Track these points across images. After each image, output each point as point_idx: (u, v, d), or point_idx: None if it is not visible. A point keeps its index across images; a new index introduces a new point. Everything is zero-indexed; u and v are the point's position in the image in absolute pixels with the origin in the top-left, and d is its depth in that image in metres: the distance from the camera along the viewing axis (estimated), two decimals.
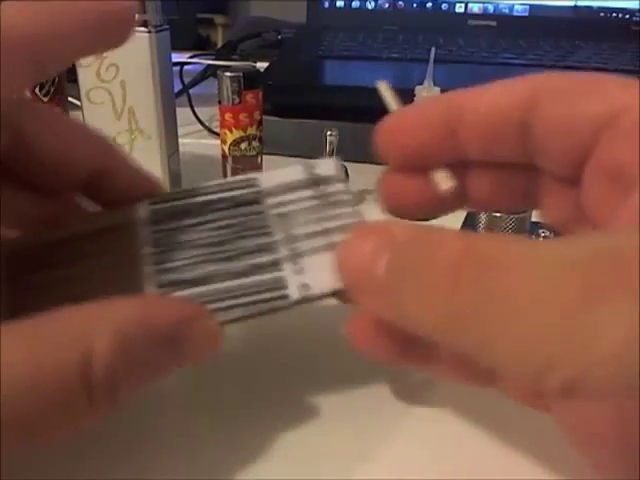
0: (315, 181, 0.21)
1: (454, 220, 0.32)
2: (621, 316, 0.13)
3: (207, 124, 0.56)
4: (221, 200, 0.21)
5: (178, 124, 0.42)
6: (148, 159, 0.40)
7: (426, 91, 0.39)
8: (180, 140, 0.43)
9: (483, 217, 0.34)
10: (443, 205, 0.21)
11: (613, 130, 0.17)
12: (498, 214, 0.33)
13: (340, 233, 0.20)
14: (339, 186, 0.21)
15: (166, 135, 0.40)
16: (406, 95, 0.21)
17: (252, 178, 0.22)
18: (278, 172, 0.22)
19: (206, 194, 0.22)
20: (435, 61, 0.36)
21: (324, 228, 0.20)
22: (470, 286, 0.14)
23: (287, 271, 0.19)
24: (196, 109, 0.57)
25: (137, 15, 0.39)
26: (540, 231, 0.33)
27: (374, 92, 0.22)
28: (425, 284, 0.15)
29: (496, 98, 0.19)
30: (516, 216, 0.33)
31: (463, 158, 0.20)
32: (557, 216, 0.20)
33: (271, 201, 0.21)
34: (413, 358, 0.19)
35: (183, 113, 0.50)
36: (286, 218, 0.21)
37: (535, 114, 0.18)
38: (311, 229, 0.20)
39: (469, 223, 0.35)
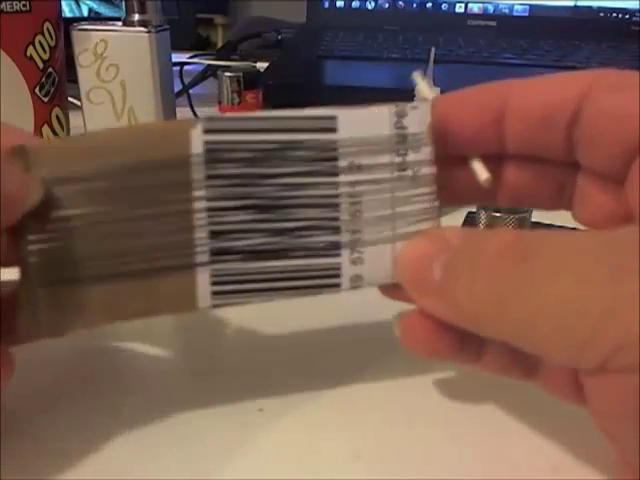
0: (400, 139, 0.19)
1: (454, 220, 0.32)
2: None
3: None
4: (292, 146, 0.18)
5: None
6: None
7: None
8: None
9: (483, 217, 0.34)
10: (474, 194, 0.21)
11: None
12: (498, 214, 0.33)
13: (408, 223, 0.19)
14: (424, 152, 0.19)
15: None
16: (406, 95, 0.20)
17: (331, 117, 0.18)
18: (361, 114, 0.18)
19: (274, 131, 0.18)
20: (435, 61, 0.36)
21: (393, 212, 0.19)
22: (512, 272, 0.16)
23: (344, 258, 0.18)
24: (196, 109, 0.57)
25: (138, 15, 0.39)
26: None
27: (374, 92, 0.22)
28: (474, 276, 0.16)
29: (547, 91, 0.19)
30: (516, 216, 0.33)
31: (500, 150, 0.20)
32: (594, 215, 0.20)
33: (345, 163, 0.18)
34: (464, 354, 0.20)
35: (183, 113, 0.49)
36: (357, 191, 0.19)
37: (587, 108, 0.18)
38: (380, 212, 0.19)
39: (469, 223, 0.35)
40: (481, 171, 0.20)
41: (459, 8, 0.75)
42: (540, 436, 0.20)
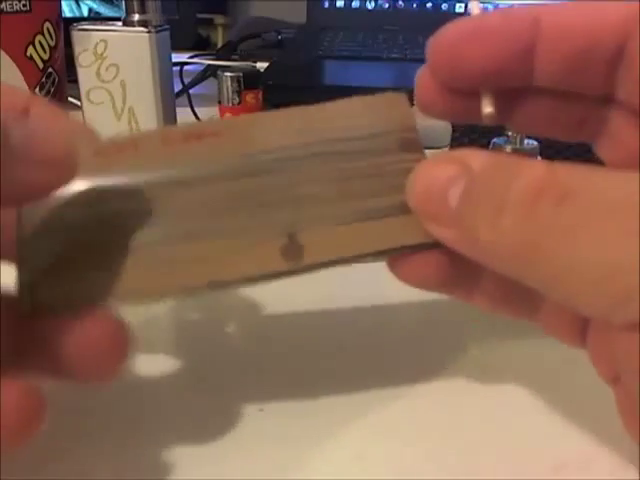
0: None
1: None
2: None
3: None
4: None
5: (178, 124, 0.42)
6: None
7: None
8: None
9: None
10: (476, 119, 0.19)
11: None
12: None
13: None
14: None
15: None
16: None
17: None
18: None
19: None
20: None
21: None
22: (548, 215, 0.14)
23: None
24: (196, 109, 0.57)
25: (138, 15, 0.39)
26: None
27: (374, 92, 0.22)
28: (501, 210, 0.15)
29: (585, 17, 0.17)
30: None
31: (525, 83, 0.18)
32: (621, 154, 0.19)
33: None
34: (457, 289, 0.19)
35: (183, 113, 0.49)
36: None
37: (636, 40, 0.16)
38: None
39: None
40: (486, 104, 0.18)
41: (459, 8, 0.75)
42: (540, 436, 0.20)
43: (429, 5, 0.75)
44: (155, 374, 0.23)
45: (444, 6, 0.75)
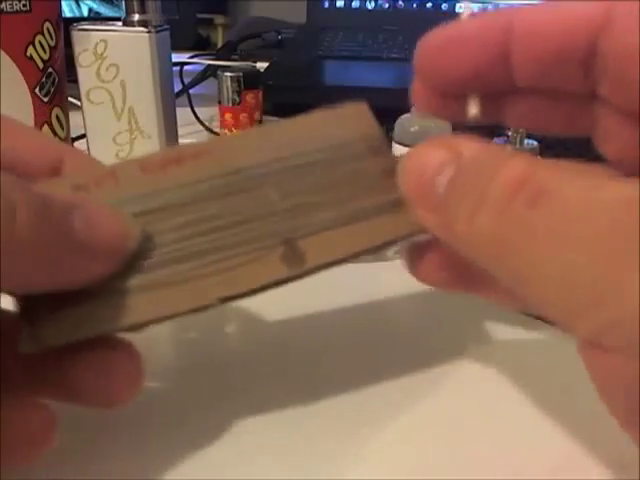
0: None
1: None
2: None
3: (207, 124, 0.56)
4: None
5: (178, 124, 0.42)
6: None
7: None
8: (180, 140, 0.43)
9: None
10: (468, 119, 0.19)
11: None
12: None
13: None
14: None
15: (166, 135, 0.40)
16: (406, 95, 0.20)
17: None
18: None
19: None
20: None
21: None
22: (520, 213, 0.14)
23: None
24: (196, 109, 0.57)
25: (138, 15, 0.39)
26: None
27: (374, 92, 0.22)
28: (480, 204, 0.15)
29: (555, 18, 0.17)
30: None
31: (509, 85, 0.18)
32: (618, 148, 0.18)
33: None
34: (474, 286, 0.19)
35: (183, 113, 0.49)
36: None
37: (608, 37, 0.16)
38: None
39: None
40: (472, 106, 0.19)
41: (459, 8, 0.75)
42: (540, 436, 0.20)
43: (429, 5, 0.75)
44: (153, 374, 0.23)
45: (444, 6, 0.75)
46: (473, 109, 0.19)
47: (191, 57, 0.70)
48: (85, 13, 0.75)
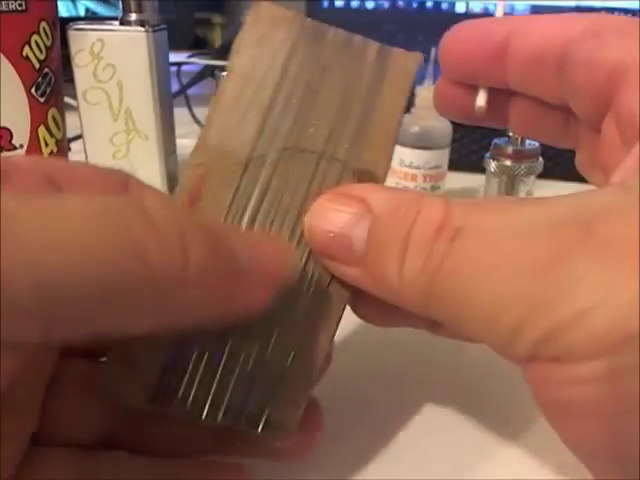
0: None
1: None
2: (584, 278, 0.13)
3: None
4: None
5: (176, 124, 0.42)
6: (145, 160, 0.39)
7: (426, 91, 0.39)
8: (178, 140, 0.43)
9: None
10: (484, 118, 0.21)
11: (629, 81, 0.16)
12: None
13: None
14: None
15: (164, 135, 0.40)
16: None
17: None
18: None
19: None
20: (435, 61, 0.36)
21: None
22: (442, 253, 0.14)
23: None
24: (194, 109, 0.57)
25: (135, 15, 0.38)
26: None
27: None
28: (403, 251, 0.15)
29: (542, 31, 0.18)
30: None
31: (506, 85, 0.20)
32: (581, 160, 0.20)
33: None
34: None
35: (181, 113, 0.49)
36: None
37: (570, 53, 0.17)
38: None
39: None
40: (479, 98, 0.20)
41: (459, 8, 0.75)
42: (540, 436, 0.20)
43: (429, 5, 0.75)
44: None
45: (444, 6, 0.75)
46: (481, 101, 0.20)
47: (189, 57, 0.70)
48: (82, 13, 0.75)
